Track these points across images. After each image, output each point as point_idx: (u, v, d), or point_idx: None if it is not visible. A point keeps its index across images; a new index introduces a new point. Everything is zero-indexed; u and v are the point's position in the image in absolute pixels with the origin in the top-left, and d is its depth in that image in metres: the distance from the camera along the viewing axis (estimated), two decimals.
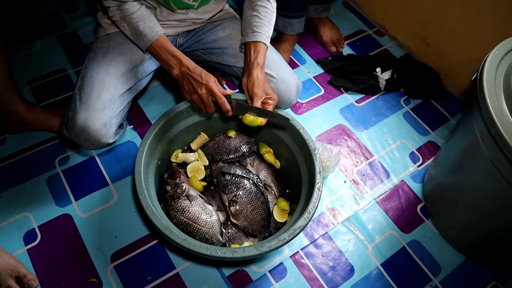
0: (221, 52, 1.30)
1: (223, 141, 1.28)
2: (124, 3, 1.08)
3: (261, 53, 1.13)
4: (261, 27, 1.16)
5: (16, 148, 1.38)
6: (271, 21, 1.19)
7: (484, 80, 0.98)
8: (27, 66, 1.59)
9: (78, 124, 1.08)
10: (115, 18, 1.11)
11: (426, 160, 1.48)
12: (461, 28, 1.54)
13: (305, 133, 1.17)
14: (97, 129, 1.09)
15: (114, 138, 1.17)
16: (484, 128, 0.98)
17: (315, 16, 1.75)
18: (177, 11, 1.20)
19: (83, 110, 1.09)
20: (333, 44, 1.78)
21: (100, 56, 1.17)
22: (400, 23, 1.79)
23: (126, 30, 1.12)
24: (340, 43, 1.79)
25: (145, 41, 1.09)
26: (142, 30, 1.08)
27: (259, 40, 1.14)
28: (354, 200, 1.36)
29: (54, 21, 1.75)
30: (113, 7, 1.10)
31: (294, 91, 1.27)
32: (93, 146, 1.13)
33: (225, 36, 1.29)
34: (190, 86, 1.06)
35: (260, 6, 1.18)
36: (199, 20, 1.26)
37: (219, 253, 0.95)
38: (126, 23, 1.10)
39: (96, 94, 1.11)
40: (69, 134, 1.13)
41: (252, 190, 1.17)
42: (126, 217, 1.26)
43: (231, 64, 1.30)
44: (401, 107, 1.62)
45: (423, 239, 1.29)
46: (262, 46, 1.14)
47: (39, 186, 1.30)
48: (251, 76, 1.10)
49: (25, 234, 1.21)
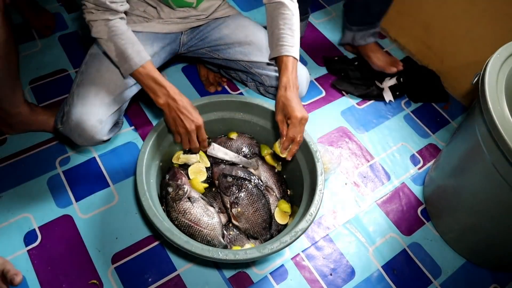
0: (227, 47, 1.29)
1: (224, 142, 1.28)
2: (111, 20, 1.02)
3: (283, 70, 1.08)
4: (283, 38, 1.11)
5: (16, 149, 1.37)
6: (293, 28, 1.13)
7: (486, 84, 0.98)
8: (28, 66, 1.59)
9: (74, 119, 1.07)
10: (100, 36, 1.03)
11: (427, 162, 1.48)
12: (462, 32, 1.55)
13: (307, 135, 1.17)
14: (93, 125, 1.08)
15: (109, 135, 1.15)
16: (485, 131, 0.98)
17: (363, 43, 1.66)
18: (177, 9, 1.20)
19: (79, 105, 1.08)
20: (391, 65, 1.66)
21: (101, 52, 1.15)
22: (401, 26, 1.80)
23: (110, 50, 1.04)
24: (397, 64, 1.66)
25: (131, 65, 1.02)
26: (130, 53, 1.02)
27: (281, 54, 1.09)
28: (355, 202, 1.36)
29: (55, 21, 1.75)
30: (100, 22, 1.02)
31: (304, 81, 1.25)
32: (87, 142, 1.11)
33: (229, 33, 1.28)
34: (178, 119, 1.06)
35: (278, 13, 1.13)
36: (201, 16, 1.25)
37: (221, 255, 0.95)
38: (113, 43, 1.02)
39: (95, 90, 1.09)
40: (63, 129, 1.11)
41: (253, 192, 1.17)
42: (127, 219, 1.26)
43: (237, 59, 1.29)
44: (402, 109, 1.62)
45: (424, 242, 1.29)
46: (284, 61, 1.09)
47: (40, 187, 1.30)
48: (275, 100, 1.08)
49: (26, 235, 1.21)
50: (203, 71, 1.60)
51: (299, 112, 1.03)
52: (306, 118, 1.04)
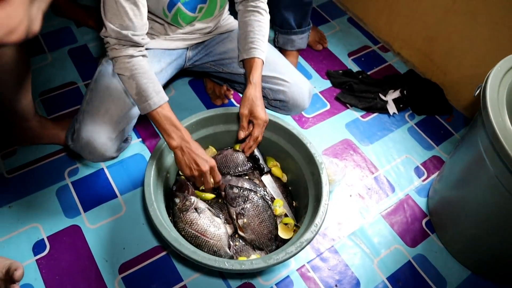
0: (231, 62, 1.32)
1: (231, 154, 1.29)
2: (135, 57, 1.03)
3: (256, 69, 1.15)
4: (256, 42, 1.17)
5: (26, 160, 1.40)
6: (265, 35, 1.20)
7: (487, 96, 1.00)
8: (38, 79, 1.62)
9: (84, 137, 1.09)
10: (123, 72, 1.03)
11: (431, 174, 1.49)
12: (465, 45, 1.57)
13: (312, 147, 1.19)
14: (103, 143, 1.10)
15: (119, 152, 1.19)
16: (488, 143, 0.99)
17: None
18: (185, 26, 1.23)
19: (90, 123, 1.10)
20: (318, 42, 1.85)
21: (111, 70, 1.17)
22: (404, 39, 1.82)
23: (131, 88, 1.03)
24: (323, 40, 1.87)
25: (150, 104, 1.02)
26: (150, 92, 1.02)
27: (254, 56, 1.16)
28: (360, 214, 1.37)
29: (65, 35, 1.79)
30: (123, 58, 1.02)
31: (307, 94, 1.29)
32: (97, 159, 1.15)
33: (234, 47, 1.31)
34: (192, 162, 1.07)
35: (254, 21, 1.19)
36: (206, 29, 1.27)
37: (227, 265, 0.96)
38: (135, 81, 1.02)
39: (105, 108, 1.11)
40: (74, 146, 1.14)
41: (259, 204, 1.18)
42: (134, 229, 1.27)
43: (242, 73, 1.32)
44: (406, 122, 1.64)
45: (429, 253, 1.30)
46: (256, 61, 1.16)
47: (49, 197, 1.32)
48: (242, 95, 1.14)
49: (34, 244, 1.22)
50: (209, 85, 1.63)
51: (264, 114, 1.14)
52: (267, 121, 1.17)
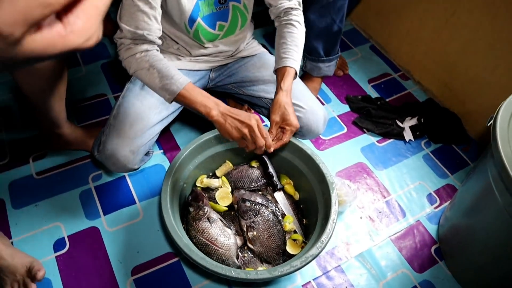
0: (252, 84, 1.38)
1: (246, 170, 1.34)
2: (151, 50, 1.07)
3: (286, 76, 1.16)
4: (288, 52, 1.19)
5: (54, 163, 1.49)
6: (298, 45, 1.21)
7: (498, 126, 1.02)
8: (72, 89, 1.72)
9: (109, 149, 1.17)
10: (141, 66, 1.06)
11: (444, 202, 1.50)
12: (484, 76, 1.59)
13: (324, 167, 1.22)
14: (126, 155, 1.18)
15: (140, 164, 1.26)
16: (496, 173, 1.01)
17: None
18: (206, 44, 1.28)
19: (115, 136, 1.18)
20: (339, 69, 1.90)
21: (137, 88, 1.25)
22: (425, 68, 1.85)
23: (153, 77, 1.05)
24: (344, 67, 1.92)
25: (178, 85, 1.04)
26: (174, 74, 1.05)
27: (285, 65, 1.17)
28: (369, 236, 1.39)
29: (99, 49, 1.90)
30: (138, 54, 1.06)
31: (321, 121, 1.31)
32: (120, 170, 1.23)
33: (255, 70, 1.37)
34: (237, 122, 1.04)
35: (286, 32, 1.22)
36: (229, 52, 1.34)
37: (233, 273, 1.00)
38: (156, 69, 1.05)
39: (129, 123, 1.19)
40: (99, 156, 1.22)
41: (269, 218, 1.22)
42: (149, 235, 1.33)
43: (261, 96, 1.37)
44: (422, 149, 1.66)
45: (435, 280, 1.30)
46: (288, 70, 1.16)
47: (72, 199, 1.40)
48: (273, 101, 1.15)
49: (55, 242, 1.30)
50: (231, 104, 1.68)
51: (296, 121, 1.14)
52: (298, 127, 1.16)
